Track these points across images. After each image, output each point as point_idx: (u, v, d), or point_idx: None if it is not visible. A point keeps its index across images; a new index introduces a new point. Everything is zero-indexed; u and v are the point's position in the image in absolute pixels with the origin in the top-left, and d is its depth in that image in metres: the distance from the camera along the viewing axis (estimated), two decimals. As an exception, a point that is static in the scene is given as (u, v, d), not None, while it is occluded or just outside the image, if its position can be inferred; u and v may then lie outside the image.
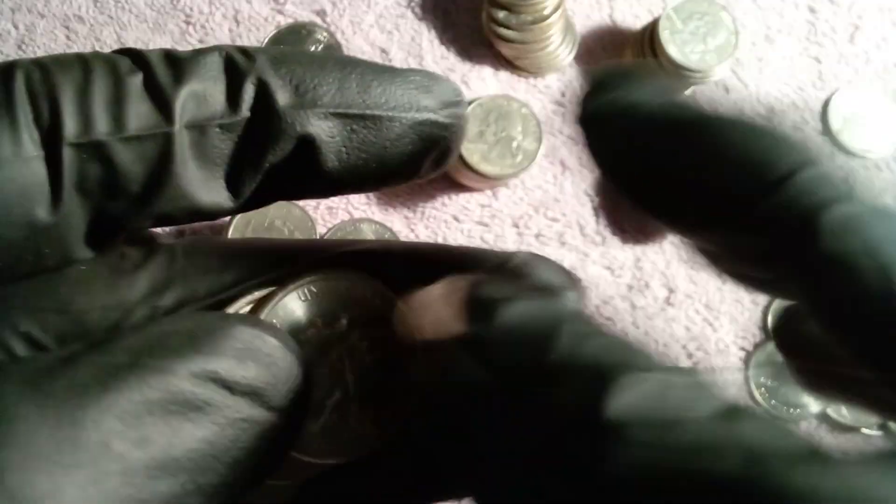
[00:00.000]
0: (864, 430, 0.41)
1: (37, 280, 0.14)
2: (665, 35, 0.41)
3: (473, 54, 0.45)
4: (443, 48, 0.45)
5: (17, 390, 0.12)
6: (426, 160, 0.15)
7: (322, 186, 0.15)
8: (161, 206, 0.14)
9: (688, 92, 0.45)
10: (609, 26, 0.46)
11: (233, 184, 0.14)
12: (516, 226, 0.43)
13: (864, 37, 0.48)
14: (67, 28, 0.43)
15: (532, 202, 0.43)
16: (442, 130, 0.15)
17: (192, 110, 0.14)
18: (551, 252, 0.42)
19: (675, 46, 0.41)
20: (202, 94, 0.14)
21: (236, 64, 0.14)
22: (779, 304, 0.43)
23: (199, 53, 0.14)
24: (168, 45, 0.43)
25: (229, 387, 0.13)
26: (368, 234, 0.41)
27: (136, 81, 0.13)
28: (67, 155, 0.13)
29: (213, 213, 0.14)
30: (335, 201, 0.42)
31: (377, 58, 0.44)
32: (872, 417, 0.42)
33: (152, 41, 0.43)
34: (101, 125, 0.13)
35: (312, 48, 0.41)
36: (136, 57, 0.14)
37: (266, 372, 0.13)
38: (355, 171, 0.15)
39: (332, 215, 0.41)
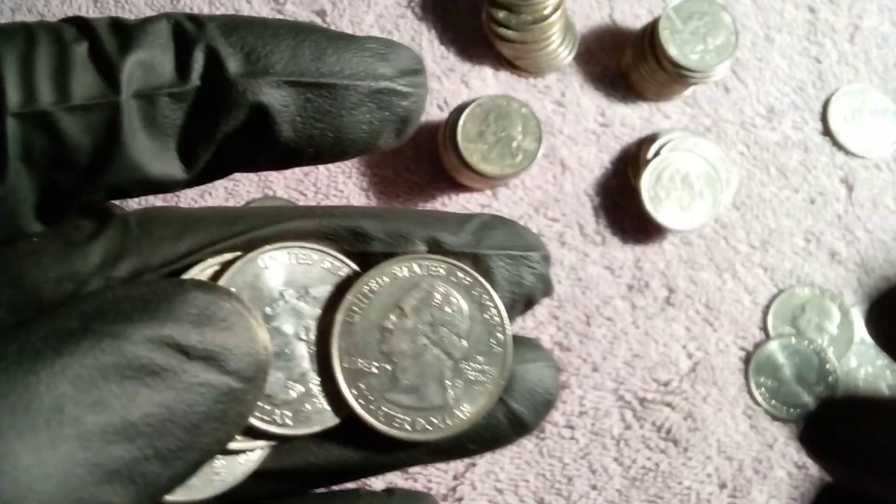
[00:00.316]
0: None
1: None
2: (665, 35, 0.41)
3: (473, 54, 0.45)
4: (443, 48, 0.45)
5: None
6: (385, 130, 0.15)
7: (279, 157, 0.15)
8: (111, 177, 0.14)
9: (688, 92, 0.45)
10: (609, 26, 0.46)
11: (185, 155, 0.14)
12: (516, 226, 0.43)
13: (864, 37, 0.48)
14: (68, 28, 0.43)
15: (532, 202, 0.43)
16: (401, 99, 0.15)
17: (139, 79, 0.13)
18: (551, 251, 0.43)
19: (675, 46, 0.41)
20: (150, 62, 0.13)
21: (185, 31, 0.14)
22: (778, 306, 0.43)
23: (146, 21, 0.14)
24: (168, 46, 0.43)
25: (185, 351, 0.13)
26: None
27: (80, 50, 0.13)
28: (11, 126, 0.13)
29: (166, 185, 0.14)
30: (335, 202, 0.42)
31: (377, 58, 0.44)
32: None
33: (152, 41, 0.43)
34: (45, 95, 0.13)
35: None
36: (82, 25, 0.14)
37: (222, 336, 0.13)
38: (311, 141, 0.14)
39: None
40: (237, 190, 0.41)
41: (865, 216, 0.45)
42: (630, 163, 0.44)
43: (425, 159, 0.43)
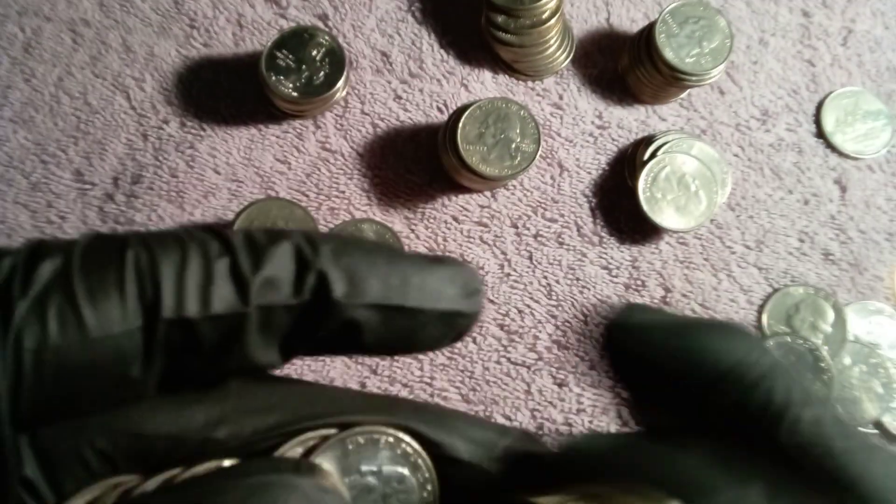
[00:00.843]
0: (860, 429, 0.42)
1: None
2: (661, 39, 0.42)
3: (473, 58, 0.45)
4: (442, 52, 0.45)
5: None
6: (446, 340, 0.18)
7: (360, 353, 0.18)
8: (226, 364, 0.17)
9: (684, 95, 0.46)
10: (606, 30, 0.47)
11: (285, 349, 0.17)
12: (515, 226, 0.43)
13: (857, 40, 0.48)
14: (73, 31, 0.44)
15: (530, 203, 0.44)
16: (463, 319, 0.18)
17: (264, 294, 0.16)
18: (549, 252, 0.43)
19: (670, 50, 0.42)
20: (274, 280, 0.16)
21: (304, 255, 0.17)
22: (773, 306, 0.44)
23: (274, 242, 0.17)
24: (173, 49, 0.44)
25: None
26: (369, 233, 0.41)
27: (222, 266, 0.16)
28: (161, 328, 0.16)
29: (265, 370, 0.17)
30: (336, 203, 0.43)
31: (378, 61, 0.45)
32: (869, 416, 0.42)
33: (157, 45, 0.44)
34: (192, 305, 0.16)
35: (314, 52, 0.42)
36: (224, 241, 0.17)
37: None
38: (386, 347, 0.18)
39: (334, 216, 0.42)
40: (240, 191, 0.42)
41: (858, 216, 0.46)
42: (627, 164, 0.45)
43: (425, 160, 0.43)
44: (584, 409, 0.42)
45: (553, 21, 0.42)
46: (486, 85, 0.45)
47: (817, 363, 0.43)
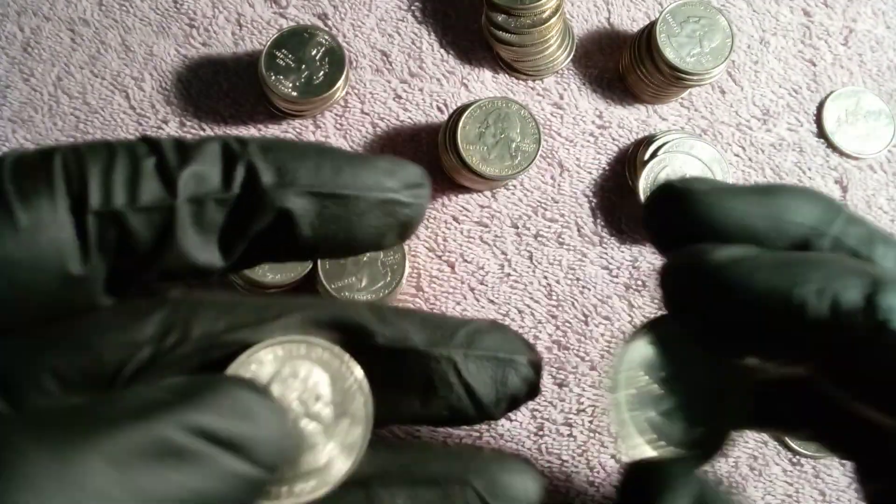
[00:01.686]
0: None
1: (63, 324, 0.16)
2: (662, 38, 0.42)
3: (473, 57, 0.45)
4: (442, 51, 0.45)
5: (24, 436, 0.13)
6: (389, 233, 0.18)
7: (298, 252, 0.18)
8: (164, 264, 0.17)
9: (684, 94, 0.46)
10: (606, 29, 0.47)
11: (224, 248, 0.17)
12: (515, 226, 0.43)
13: (859, 39, 0.48)
14: (73, 31, 0.44)
15: (531, 203, 0.44)
16: (403, 208, 0.18)
17: (192, 187, 0.16)
18: (550, 252, 0.43)
19: (671, 49, 0.42)
20: (202, 174, 0.17)
21: (232, 150, 0.17)
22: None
23: (202, 142, 0.17)
24: (172, 49, 0.44)
25: (218, 441, 0.14)
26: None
27: (149, 164, 0.16)
28: (92, 221, 0.16)
29: (207, 272, 0.17)
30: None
31: (378, 61, 0.45)
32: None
33: (156, 44, 0.44)
34: (119, 198, 0.16)
35: (314, 51, 0.42)
36: (153, 144, 0.17)
37: (253, 429, 0.14)
38: (326, 240, 0.18)
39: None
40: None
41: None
42: (627, 164, 0.44)
43: (425, 160, 0.43)
44: (584, 409, 0.42)
45: (553, 20, 0.42)
46: (486, 84, 0.45)
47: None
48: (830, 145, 0.46)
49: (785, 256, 0.17)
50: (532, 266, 0.43)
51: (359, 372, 0.18)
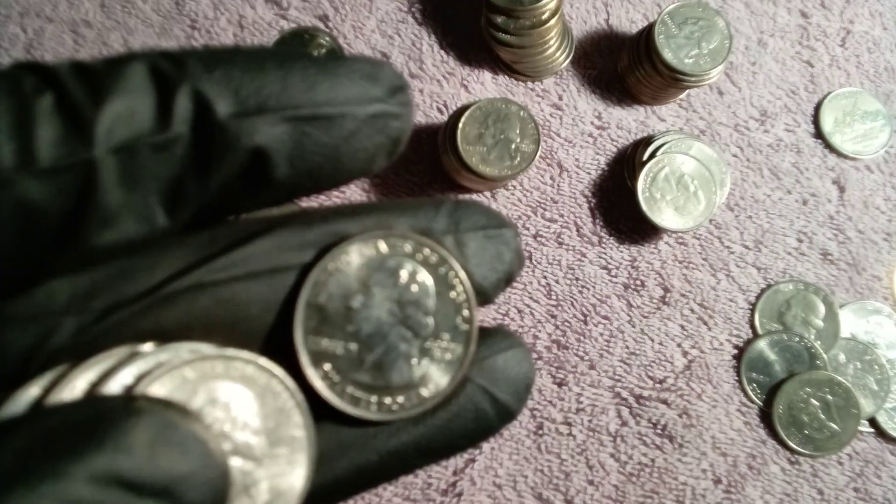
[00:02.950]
0: (860, 428, 0.42)
1: None
2: (660, 39, 0.42)
3: (473, 58, 0.45)
4: (442, 52, 0.45)
5: None
6: (380, 154, 0.14)
7: (273, 196, 0.14)
8: (83, 241, 0.12)
9: (683, 95, 0.46)
10: (605, 31, 0.47)
11: (170, 208, 0.13)
12: (515, 226, 0.43)
13: (856, 41, 0.49)
14: (75, 32, 0.44)
15: (530, 203, 0.44)
16: (394, 120, 0.14)
17: (116, 132, 0.12)
18: (549, 252, 0.43)
19: (669, 51, 0.42)
20: (127, 112, 0.12)
21: (164, 73, 0.12)
22: (764, 303, 0.44)
23: (117, 65, 0.12)
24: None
25: (136, 488, 0.11)
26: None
27: (45, 103, 0.11)
28: None
29: (144, 243, 0.13)
30: (337, 202, 0.43)
31: (378, 62, 0.45)
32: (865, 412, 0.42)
33: (159, 46, 0.44)
34: (6, 158, 0.11)
35: (315, 52, 0.42)
36: (42, 72, 0.12)
37: (178, 464, 0.11)
38: (309, 175, 0.14)
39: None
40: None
41: (857, 217, 0.46)
42: (626, 164, 0.45)
43: (425, 161, 0.44)
44: (583, 408, 0.42)
45: (553, 22, 0.42)
46: (485, 85, 0.45)
47: (814, 360, 0.43)
48: (828, 146, 0.47)
49: None
50: (531, 266, 0.43)
51: (291, 384, 0.15)
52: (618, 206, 0.44)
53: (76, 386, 0.13)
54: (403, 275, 0.16)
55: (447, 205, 0.16)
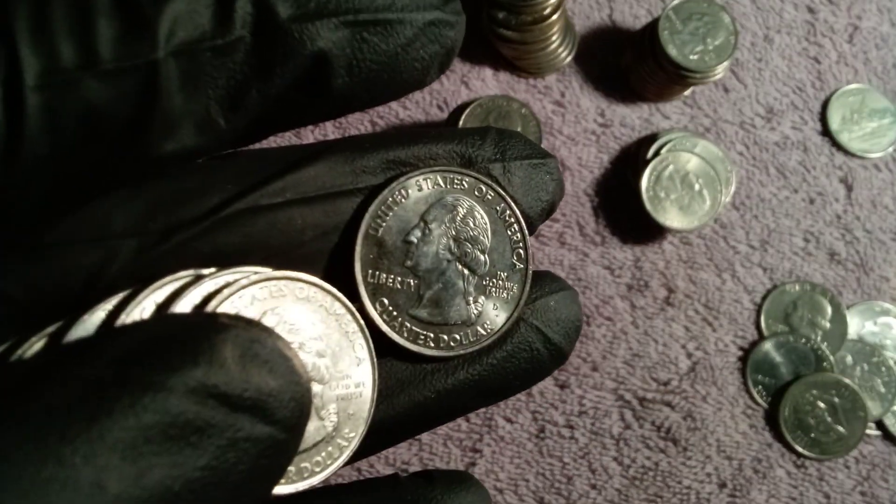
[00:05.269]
0: (867, 431, 0.42)
1: None
2: (664, 35, 0.41)
3: (473, 55, 0.45)
4: (443, 48, 0.45)
5: (8, 437, 0.10)
6: (434, 64, 0.14)
7: (328, 107, 0.13)
8: (144, 150, 0.12)
9: (687, 92, 0.45)
10: (608, 27, 0.46)
11: (228, 116, 0.12)
12: (516, 226, 0.43)
13: (863, 37, 0.48)
14: None
15: (532, 202, 0.43)
16: (449, 29, 0.14)
17: (177, 33, 0.11)
18: (551, 251, 0.43)
19: (674, 47, 0.41)
20: (187, 13, 0.11)
21: None
22: (770, 304, 0.43)
23: None
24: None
25: (230, 402, 0.11)
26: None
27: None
28: (32, 102, 0.10)
29: (205, 152, 0.13)
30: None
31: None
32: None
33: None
34: (69, 57, 0.10)
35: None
36: None
37: (266, 380, 0.11)
38: (366, 85, 0.13)
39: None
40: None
41: (864, 216, 0.45)
42: (630, 163, 0.44)
43: (425, 159, 0.43)
44: (585, 410, 0.41)
45: (555, 17, 0.42)
46: (486, 82, 0.44)
47: (820, 362, 0.42)
48: (835, 144, 0.46)
49: None
50: (532, 266, 0.42)
51: (351, 307, 0.15)
52: (621, 205, 0.44)
53: (145, 307, 0.13)
54: (461, 210, 0.16)
55: (493, 133, 0.16)
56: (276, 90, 0.12)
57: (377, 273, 0.15)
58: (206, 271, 0.14)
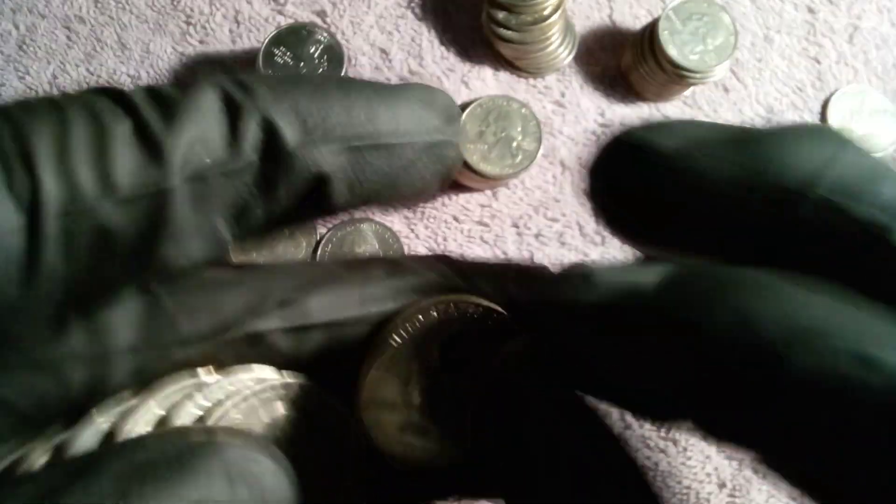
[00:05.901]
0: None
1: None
2: (664, 35, 0.41)
3: (473, 55, 0.45)
4: (442, 48, 0.45)
5: None
6: (436, 181, 0.15)
7: (326, 215, 0.14)
8: (153, 262, 0.12)
9: (687, 92, 0.45)
10: (608, 27, 0.46)
11: (233, 229, 0.13)
12: (516, 226, 0.43)
13: (863, 37, 0.48)
14: (68, 28, 0.43)
15: (532, 202, 0.43)
16: (450, 149, 0.14)
17: (191, 160, 0.12)
18: (551, 251, 0.43)
19: (674, 47, 0.41)
20: (200, 138, 0.12)
21: (234, 100, 0.13)
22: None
23: (192, 92, 0.13)
24: (169, 46, 0.43)
25: None
26: (368, 233, 0.41)
27: (122, 130, 0.12)
28: (51, 225, 0.11)
29: (210, 261, 0.13)
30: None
31: (377, 58, 0.44)
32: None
33: (153, 42, 0.43)
34: (89, 186, 0.11)
35: (312, 49, 0.41)
36: (118, 98, 0.12)
37: (259, 498, 0.12)
38: (365, 200, 0.14)
39: (333, 216, 0.41)
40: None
41: (864, 216, 0.45)
42: (630, 163, 0.44)
43: (425, 159, 0.43)
44: (585, 411, 0.41)
45: (555, 17, 0.42)
46: (486, 82, 0.44)
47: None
48: (835, 144, 0.46)
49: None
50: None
51: (343, 409, 0.15)
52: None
53: (145, 419, 0.14)
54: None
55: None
56: (279, 207, 0.13)
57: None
58: (208, 379, 0.14)
